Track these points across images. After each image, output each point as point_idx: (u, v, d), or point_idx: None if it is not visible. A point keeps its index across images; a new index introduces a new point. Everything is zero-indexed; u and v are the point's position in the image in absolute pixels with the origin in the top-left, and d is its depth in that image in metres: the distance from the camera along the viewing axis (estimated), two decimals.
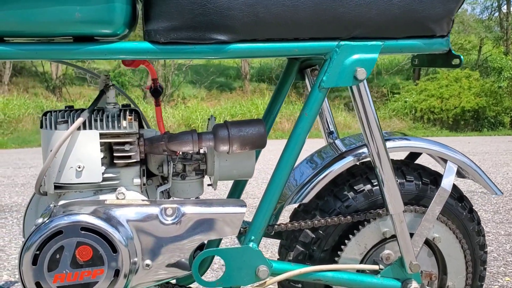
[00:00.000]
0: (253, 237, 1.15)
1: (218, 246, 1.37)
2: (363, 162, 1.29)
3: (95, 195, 1.12)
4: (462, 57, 1.17)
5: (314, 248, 1.25)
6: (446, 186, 1.24)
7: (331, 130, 1.46)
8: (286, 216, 1.99)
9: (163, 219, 1.09)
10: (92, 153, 1.08)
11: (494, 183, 1.33)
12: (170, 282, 1.20)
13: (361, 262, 1.26)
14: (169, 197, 1.25)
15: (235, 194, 1.43)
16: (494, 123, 11.73)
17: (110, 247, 1.02)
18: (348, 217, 1.22)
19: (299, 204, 1.30)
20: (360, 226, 1.24)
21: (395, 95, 13.02)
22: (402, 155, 1.42)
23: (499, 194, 1.32)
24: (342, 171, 1.24)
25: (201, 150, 1.23)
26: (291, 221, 1.26)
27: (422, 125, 11.75)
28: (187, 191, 1.22)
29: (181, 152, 1.21)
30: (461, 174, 1.34)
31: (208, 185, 1.28)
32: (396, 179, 1.20)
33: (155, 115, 1.36)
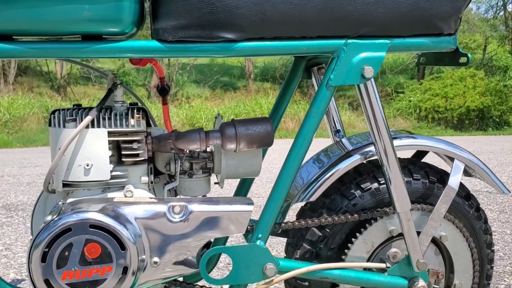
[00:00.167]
0: (260, 235, 1.15)
1: (225, 244, 1.37)
2: (370, 161, 1.29)
3: (103, 193, 1.12)
4: (470, 55, 1.17)
5: (321, 246, 1.26)
6: (453, 185, 1.24)
7: (338, 129, 1.46)
8: (291, 216, 2.00)
9: (171, 217, 1.09)
10: (100, 151, 1.08)
11: (502, 182, 1.33)
12: (177, 280, 1.21)
13: (368, 260, 1.26)
14: (176, 195, 1.25)
15: (242, 193, 1.43)
16: (499, 123, 11.68)
17: (119, 245, 1.02)
18: (355, 215, 1.22)
19: (306, 203, 1.30)
20: (367, 224, 1.24)
21: (400, 95, 12.99)
22: (409, 154, 1.42)
23: (507, 193, 1.32)
24: (349, 170, 1.24)
25: (208, 149, 1.24)
26: (298, 219, 1.26)
27: (427, 125, 11.71)
28: (194, 189, 1.22)
29: (188, 151, 1.22)
30: (468, 173, 1.34)
31: (215, 183, 1.29)
32: (403, 178, 1.20)
33: (162, 114, 1.36)
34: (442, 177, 1.31)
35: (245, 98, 12.20)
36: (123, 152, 1.12)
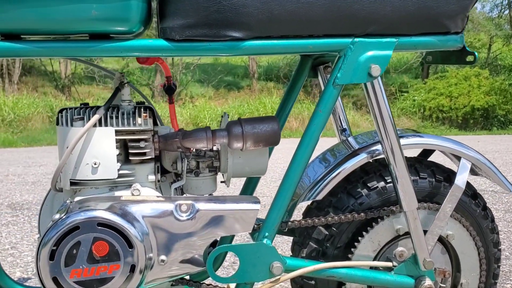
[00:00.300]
0: (267, 234, 1.15)
1: (231, 243, 1.37)
2: (377, 159, 1.29)
3: (111, 192, 1.13)
4: (477, 54, 1.17)
5: (327, 245, 1.26)
6: (460, 184, 1.24)
7: (344, 128, 1.46)
8: (296, 215, 2.00)
9: (178, 215, 1.09)
10: (108, 150, 1.09)
11: (508, 181, 1.32)
12: (184, 278, 1.21)
13: (375, 259, 1.26)
14: (182, 194, 1.26)
15: (248, 191, 1.43)
16: (504, 122, 11.63)
17: (126, 243, 1.03)
18: (362, 214, 1.22)
19: (312, 202, 1.30)
20: (374, 223, 1.24)
21: (404, 94, 12.96)
22: (415, 153, 1.42)
23: None
24: (356, 168, 1.24)
25: (215, 147, 1.24)
26: (305, 218, 1.26)
27: (431, 124, 11.68)
28: (201, 188, 1.23)
29: (195, 149, 1.22)
30: (474, 172, 1.34)
31: (221, 182, 1.29)
32: (410, 176, 1.20)
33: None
34: (449, 176, 1.31)
35: (249, 98, 12.20)
36: (130, 151, 1.12)
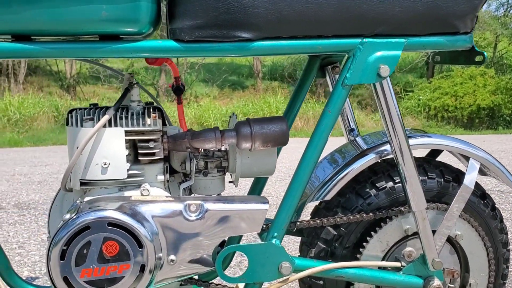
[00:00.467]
0: (276, 234, 1.15)
1: (239, 243, 1.38)
2: (385, 160, 1.29)
3: (120, 192, 1.13)
4: (486, 54, 1.17)
5: (336, 245, 1.26)
6: (469, 184, 1.24)
7: (352, 128, 1.46)
8: (303, 216, 1.99)
9: (187, 215, 1.10)
10: (118, 150, 1.09)
11: None
12: (193, 278, 1.21)
13: (383, 259, 1.26)
14: (191, 194, 1.26)
15: (256, 191, 1.44)
16: (510, 121, 11.57)
17: (136, 243, 1.03)
18: (370, 214, 1.22)
19: (320, 202, 1.30)
20: (382, 223, 1.24)
21: (409, 93, 12.92)
22: (423, 153, 1.42)
23: None
24: (364, 169, 1.24)
25: (223, 148, 1.24)
26: (313, 218, 1.26)
27: (436, 124, 11.64)
28: (209, 188, 1.23)
29: (203, 149, 1.22)
30: (483, 172, 1.33)
31: (230, 182, 1.29)
32: (419, 176, 1.19)
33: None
34: (457, 176, 1.30)
35: (254, 97, 12.19)
36: (140, 151, 1.13)
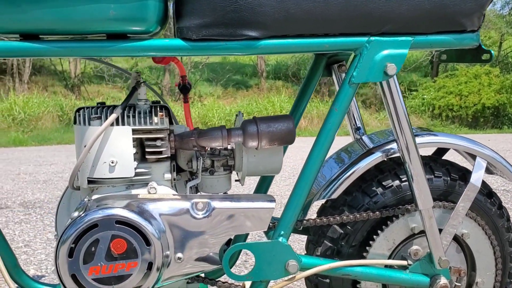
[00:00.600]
0: (283, 232, 1.15)
1: (245, 241, 1.38)
2: (391, 158, 1.29)
3: (127, 190, 1.14)
4: (493, 52, 1.16)
5: (342, 244, 1.26)
6: (476, 182, 1.24)
7: (358, 126, 1.46)
8: (309, 214, 1.99)
9: (194, 213, 1.10)
10: (125, 149, 1.10)
11: None
12: (200, 276, 1.22)
13: (390, 258, 1.26)
14: (197, 192, 1.26)
15: (262, 190, 1.44)
16: None
17: (144, 240, 1.04)
18: (377, 213, 1.22)
19: (326, 200, 1.30)
20: (389, 222, 1.24)
21: (413, 93, 12.89)
22: (429, 151, 1.42)
23: None
24: (370, 167, 1.25)
25: (229, 146, 1.25)
26: (320, 217, 1.26)
27: (440, 123, 11.60)
28: (215, 186, 1.23)
29: (209, 148, 1.23)
30: (489, 170, 1.33)
31: (236, 181, 1.30)
32: (425, 175, 1.19)
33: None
34: (464, 175, 1.30)
35: (257, 96, 12.19)
36: (147, 150, 1.13)
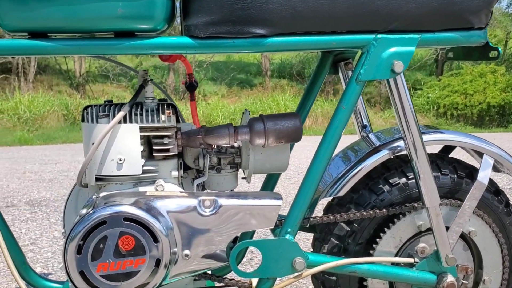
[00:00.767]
0: (290, 229, 1.16)
1: (251, 238, 1.38)
2: (398, 156, 1.29)
3: (135, 187, 1.14)
4: (501, 49, 1.16)
5: (349, 241, 1.26)
6: (483, 180, 1.24)
7: (365, 124, 1.46)
8: (315, 212, 1.99)
9: (202, 211, 1.11)
10: (133, 146, 1.10)
11: None
12: (207, 273, 1.22)
13: (396, 255, 1.26)
14: (204, 190, 1.27)
15: (268, 188, 1.44)
16: None
17: (152, 237, 1.04)
18: (384, 210, 1.22)
19: (333, 198, 1.31)
20: (395, 219, 1.24)
21: (417, 91, 12.85)
22: (436, 149, 1.42)
23: None
24: (377, 165, 1.24)
25: (236, 144, 1.25)
26: (326, 214, 1.26)
27: (445, 121, 11.57)
28: (222, 184, 1.24)
29: (216, 146, 1.23)
30: (496, 168, 1.33)
31: (242, 178, 1.30)
32: (432, 172, 1.19)
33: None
34: (471, 172, 1.30)
35: (262, 95, 12.18)
36: (154, 147, 1.14)
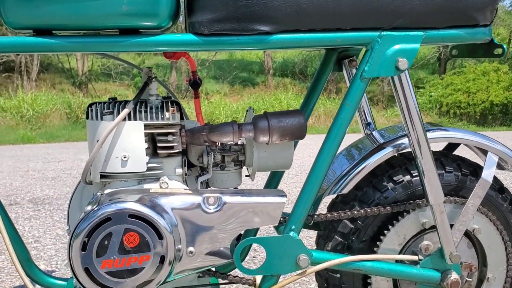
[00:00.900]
0: (294, 227, 1.16)
1: (255, 235, 1.39)
2: (402, 153, 1.29)
3: (139, 184, 1.15)
4: (505, 47, 1.16)
5: (353, 239, 1.26)
6: (487, 177, 1.23)
7: (369, 122, 1.46)
8: (319, 209, 1.99)
9: (206, 208, 1.11)
10: (137, 144, 1.11)
11: None
12: (211, 270, 1.22)
13: (400, 253, 1.26)
14: (208, 188, 1.27)
15: (272, 185, 1.44)
16: None
17: (156, 234, 1.04)
18: (388, 208, 1.22)
19: (337, 195, 1.31)
20: (399, 217, 1.24)
21: (420, 90, 12.82)
22: (440, 146, 1.41)
23: None
24: (381, 162, 1.24)
25: (240, 141, 1.25)
26: (330, 212, 1.26)
27: (448, 120, 11.54)
28: (226, 182, 1.24)
29: (220, 143, 1.23)
30: (500, 166, 1.33)
31: (246, 176, 1.30)
32: (436, 170, 1.19)
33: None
34: (475, 170, 1.30)
35: (264, 94, 12.17)
36: (159, 145, 1.14)
